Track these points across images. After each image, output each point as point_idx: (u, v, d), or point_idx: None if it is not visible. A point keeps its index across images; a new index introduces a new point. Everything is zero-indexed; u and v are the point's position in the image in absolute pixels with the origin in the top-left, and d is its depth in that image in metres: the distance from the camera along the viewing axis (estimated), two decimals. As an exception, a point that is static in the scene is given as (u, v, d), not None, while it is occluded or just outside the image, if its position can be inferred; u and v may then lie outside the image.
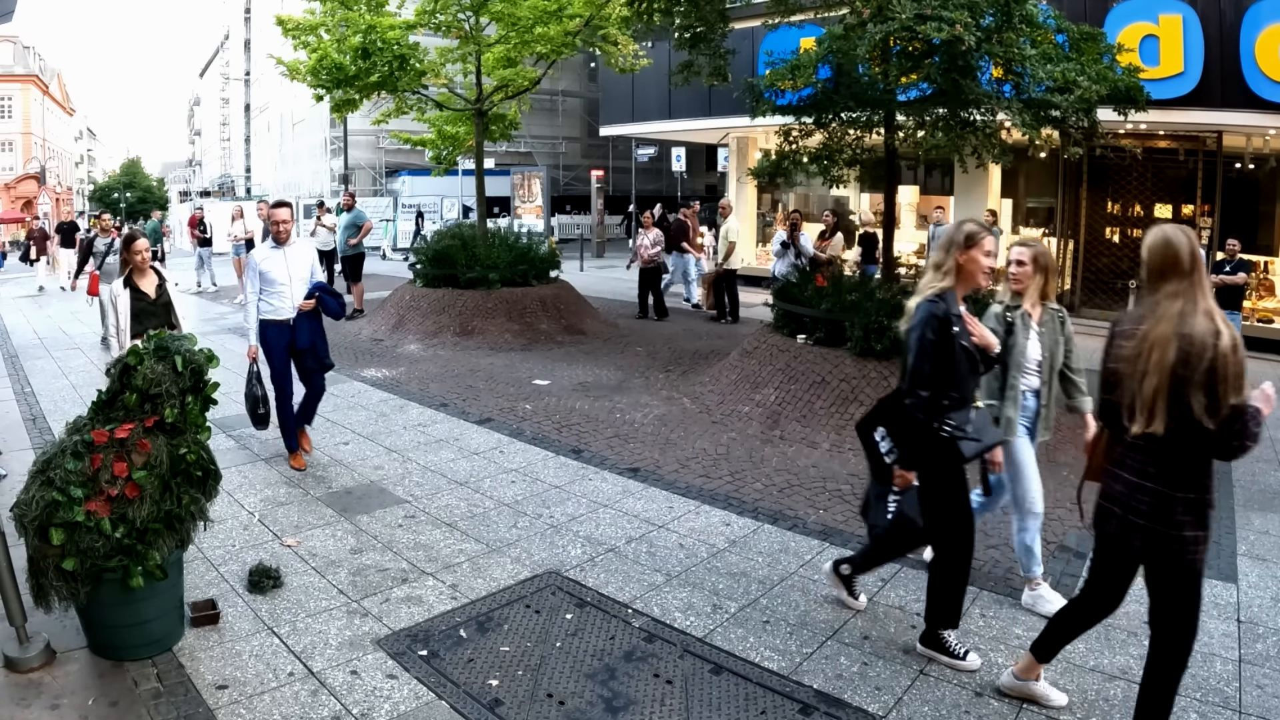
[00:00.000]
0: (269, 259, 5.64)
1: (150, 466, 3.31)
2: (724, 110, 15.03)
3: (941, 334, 3.11)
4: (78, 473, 3.21)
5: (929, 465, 3.24)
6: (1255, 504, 5.36)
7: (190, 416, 3.48)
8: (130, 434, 3.32)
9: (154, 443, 3.35)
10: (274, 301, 5.61)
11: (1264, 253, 11.56)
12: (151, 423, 3.38)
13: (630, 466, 5.77)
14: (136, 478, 3.25)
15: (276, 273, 5.59)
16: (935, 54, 6.25)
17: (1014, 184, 14.07)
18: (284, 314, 5.61)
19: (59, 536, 3.11)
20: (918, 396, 3.12)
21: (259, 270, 5.57)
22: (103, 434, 3.30)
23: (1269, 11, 9.94)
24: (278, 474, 5.56)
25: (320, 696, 3.12)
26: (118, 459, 3.27)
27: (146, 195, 68.92)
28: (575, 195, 31.36)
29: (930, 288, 3.22)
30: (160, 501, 3.31)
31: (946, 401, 3.13)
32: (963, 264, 3.23)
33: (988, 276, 3.30)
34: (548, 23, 10.86)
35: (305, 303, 5.62)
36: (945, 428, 3.15)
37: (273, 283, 5.58)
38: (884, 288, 7.24)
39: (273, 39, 17.68)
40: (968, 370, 3.19)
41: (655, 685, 3.21)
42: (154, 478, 3.31)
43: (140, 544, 3.22)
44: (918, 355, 3.13)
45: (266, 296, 5.61)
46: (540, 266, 11.78)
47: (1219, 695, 3.18)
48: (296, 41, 11.23)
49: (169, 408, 3.40)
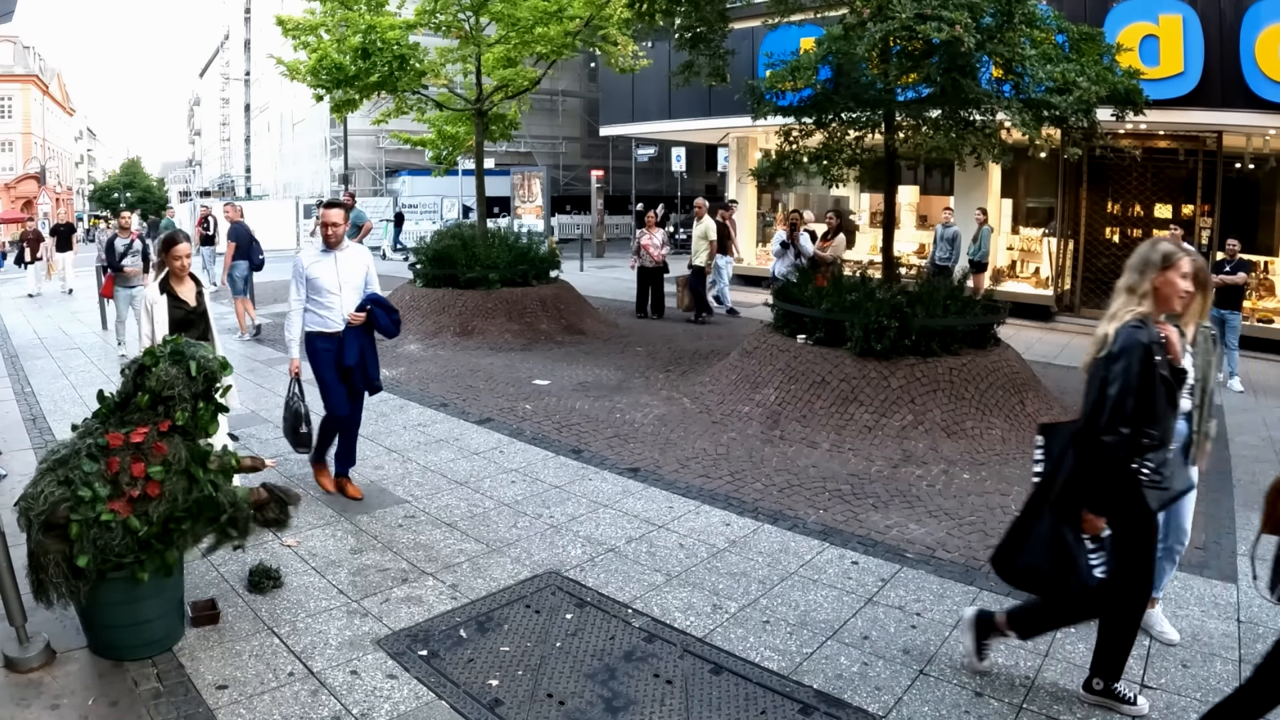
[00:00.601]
0: (317, 264, 5.07)
1: (168, 464, 3.30)
2: (724, 110, 15.04)
3: (1145, 364, 2.83)
4: (97, 474, 3.21)
5: (1121, 511, 2.96)
6: (1255, 504, 5.33)
7: (200, 422, 3.47)
8: (145, 438, 3.31)
9: (170, 444, 3.35)
10: (322, 312, 5.06)
11: (1264, 253, 11.57)
12: (166, 426, 3.38)
13: (630, 466, 5.77)
14: (153, 473, 3.24)
15: (326, 280, 5.03)
16: (935, 54, 6.26)
17: (1014, 184, 14.07)
18: (333, 326, 5.04)
19: (78, 530, 3.12)
20: (1118, 434, 2.81)
21: (306, 276, 5.05)
22: (118, 437, 3.30)
23: (1269, 11, 9.95)
24: (277, 474, 5.55)
25: (320, 696, 3.12)
26: (135, 460, 3.27)
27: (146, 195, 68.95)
28: (575, 195, 31.37)
29: (1128, 312, 2.94)
30: (188, 492, 3.31)
31: (1145, 440, 2.86)
32: (1159, 287, 2.94)
33: (1184, 300, 3.01)
34: (548, 23, 10.86)
35: (355, 315, 5.03)
36: (1144, 470, 2.88)
37: (321, 291, 5.03)
38: (884, 288, 7.25)
39: (273, 39, 17.69)
40: (1165, 405, 2.91)
41: (655, 685, 3.21)
42: (174, 475, 3.30)
43: (160, 542, 3.22)
44: (1121, 388, 2.81)
45: (314, 306, 5.07)
46: (540, 266, 11.78)
47: (1219, 695, 3.17)
48: (296, 42, 11.23)
49: (180, 411, 3.39)
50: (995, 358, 7.01)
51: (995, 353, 7.11)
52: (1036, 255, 13.77)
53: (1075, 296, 13.28)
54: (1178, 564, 3.65)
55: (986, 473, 5.77)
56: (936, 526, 4.80)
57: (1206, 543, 4.68)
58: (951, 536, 4.66)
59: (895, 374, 6.61)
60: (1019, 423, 6.56)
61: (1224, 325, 8.94)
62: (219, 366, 3.55)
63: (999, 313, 7.44)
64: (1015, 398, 6.77)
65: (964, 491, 5.39)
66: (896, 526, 4.80)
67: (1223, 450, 6.55)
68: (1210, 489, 5.61)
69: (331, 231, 5.08)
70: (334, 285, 5.04)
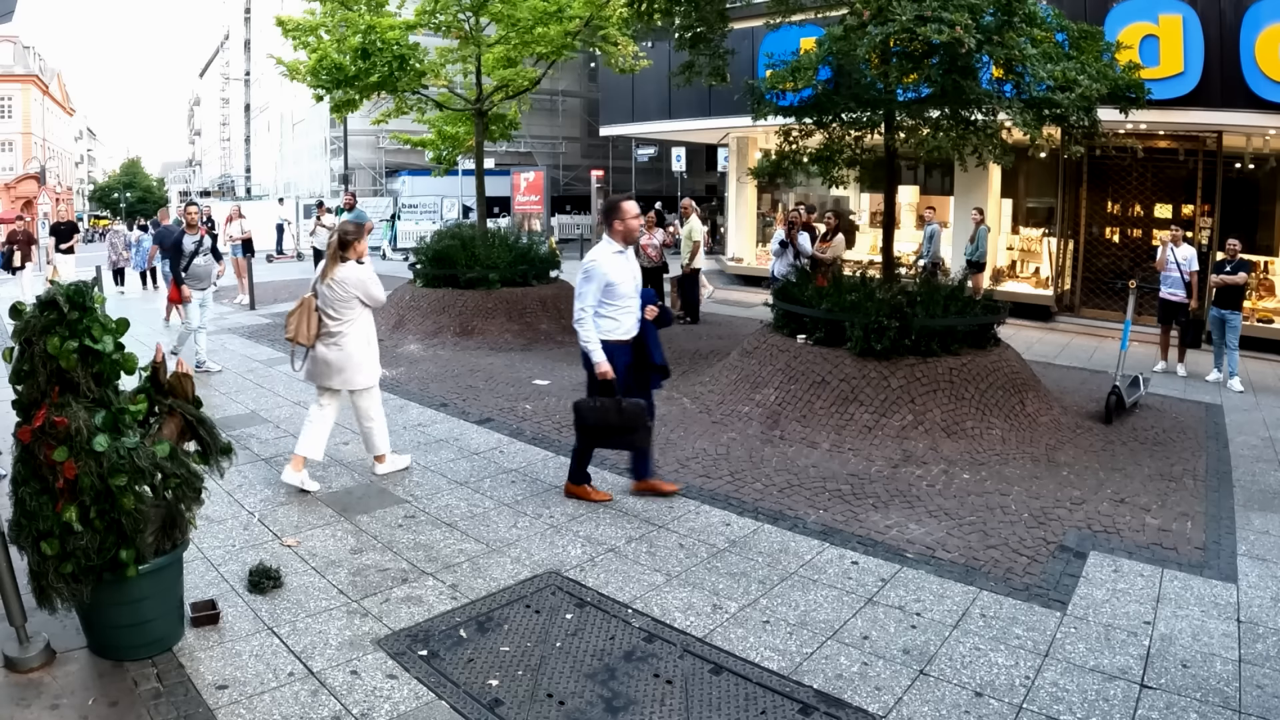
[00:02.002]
0: (616, 267, 4.70)
1: (71, 439, 3.03)
2: (724, 110, 15.03)
3: None
4: (30, 474, 3.12)
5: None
6: (1255, 504, 5.36)
7: (105, 365, 3.15)
8: (44, 418, 3.08)
9: (69, 414, 3.06)
10: (619, 316, 4.70)
11: (1264, 253, 11.57)
12: (57, 393, 3.10)
13: (630, 466, 5.76)
14: (57, 456, 3.03)
15: (624, 284, 4.72)
16: (935, 55, 6.25)
17: (1014, 184, 14.07)
18: (629, 331, 4.76)
19: (53, 548, 3.08)
20: None
21: (606, 281, 4.69)
22: (26, 432, 3.13)
23: (1269, 11, 9.95)
24: (277, 474, 5.55)
25: (320, 696, 3.12)
26: (47, 447, 3.07)
27: (146, 195, 69.02)
28: (575, 195, 31.38)
29: None
30: (102, 466, 3.06)
31: None
32: None
33: None
34: (548, 23, 10.86)
35: (650, 309, 4.85)
36: None
37: (620, 295, 4.70)
38: (884, 288, 7.25)
39: (273, 39, 17.68)
40: None
41: (655, 685, 3.21)
42: (80, 452, 3.03)
43: (114, 514, 3.08)
44: None
45: (609, 311, 4.72)
46: (540, 266, 11.78)
47: (1219, 695, 3.18)
48: (296, 42, 11.24)
49: (54, 339, 3.06)
50: (995, 358, 7.01)
51: (995, 353, 7.11)
52: (1036, 255, 13.77)
53: (1075, 297, 13.28)
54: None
55: (986, 473, 5.77)
56: (936, 526, 4.80)
57: (1206, 543, 4.68)
58: (951, 536, 4.66)
59: (895, 374, 6.61)
60: (1019, 423, 6.56)
61: (1224, 325, 8.95)
62: (86, 289, 3.21)
63: (999, 313, 7.44)
64: (1015, 398, 6.77)
65: (964, 491, 5.39)
66: (896, 526, 4.80)
67: (1223, 450, 6.55)
68: (1210, 489, 5.62)
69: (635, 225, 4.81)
70: (630, 288, 4.76)
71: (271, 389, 7.95)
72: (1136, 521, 4.95)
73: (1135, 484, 5.63)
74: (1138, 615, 3.81)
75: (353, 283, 5.16)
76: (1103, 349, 10.48)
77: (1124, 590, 4.05)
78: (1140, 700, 3.14)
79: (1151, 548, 4.59)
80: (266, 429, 6.62)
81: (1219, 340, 9.08)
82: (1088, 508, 5.15)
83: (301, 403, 7.39)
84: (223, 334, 11.17)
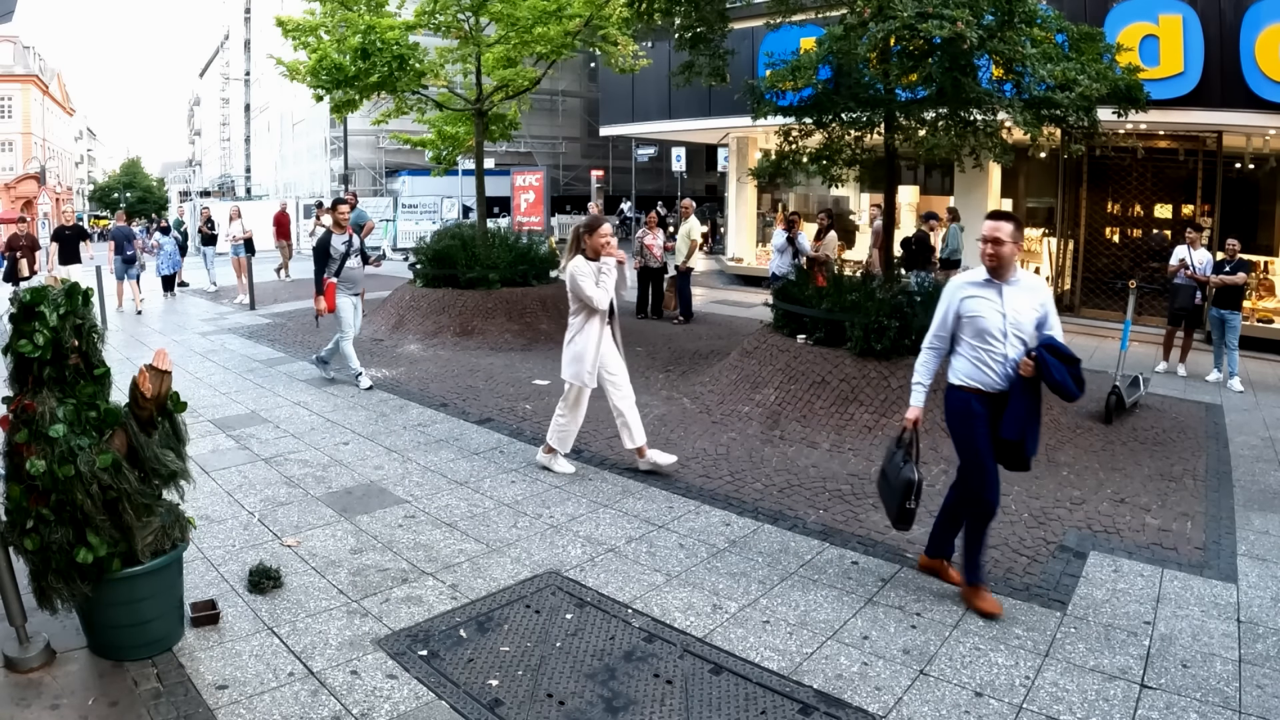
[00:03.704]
0: (976, 295, 3.74)
1: (34, 421, 3.07)
2: (724, 110, 15.04)
3: None
4: (16, 487, 3.14)
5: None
6: (1255, 504, 5.36)
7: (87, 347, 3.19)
8: (14, 410, 3.14)
9: (38, 399, 3.10)
10: (982, 361, 3.71)
11: (1264, 253, 11.57)
12: (31, 381, 3.15)
13: (630, 466, 5.76)
14: (19, 439, 3.08)
15: (990, 318, 3.68)
16: (936, 53, 6.25)
17: (1014, 184, 14.07)
18: (994, 384, 3.70)
19: (33, 543, 3.09)
20: None
21: (959, 312, 3.77)
22: (4, 420, 3.18)
23: (1269, 11, 9.94)
24: (277, 474, 5.55)
25: (320, 696, 3.12)
26: (14, 430, 3.11)
27: (146, 195, 69.02)
28: (575, 195, 31.39)
29: None
30: (59, 449, 3.06)
31: None
32: None
33: None
34: (547, 23, 10.86)
35: (1025, 363, 3.62)
36: None
37: (983, 333, 3.69)
38: (884, 288, 7.25)
39: (273, 39, 17.67)
40: None
41: (655, 685, 3.21)
42: (37, 439, 3.06)
43: (75, 493, 3.06)
44: None
45: (969, 351, 3.76)
46: (540, 266, 11.78)
47: (1219, 695, 3.18)
48: (296, 42, 11.23)
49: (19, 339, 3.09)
50: (995, 358, 6.99)
51: (995, 353, 7.10)
52: (1036, 255, 13.77)
53: (1075, 296, 13.27)
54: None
55: (986, 473, 5.76)
56: (936, 526, 4.79)
57: (1206, 543, 4.68)
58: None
59: (895, 374, 6.61)
60: (1019, 423, 6.55)
61: (1224, 325, 8.94)
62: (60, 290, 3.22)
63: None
64: (1015, 398, 6.75)
65: (964, 491, 5.39)
66: (896, 526, 4.79)
67: (1223, 450, 6.55)
68: (1210, 489, 5.62)
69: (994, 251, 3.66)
70: (999, 326, 3.66)
71: (271, 389, 7.95)
72: (1136, 521, 4.95)
73: (1135, 484, 5.63)
74: (1138, 615, 3.81)
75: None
76: (1103, 349, 10.47)
77: (1124, 590, 4.05)
78: (1140, 700, 3.14)
79: (1151, 548, 4.59)
80: (266, 429, 6.62)
81: (1219, 340, 9.08)
82: (1088, 508, 5.15)
83: (302, 403, 7.40)
84: (223, 334, 11.17)
